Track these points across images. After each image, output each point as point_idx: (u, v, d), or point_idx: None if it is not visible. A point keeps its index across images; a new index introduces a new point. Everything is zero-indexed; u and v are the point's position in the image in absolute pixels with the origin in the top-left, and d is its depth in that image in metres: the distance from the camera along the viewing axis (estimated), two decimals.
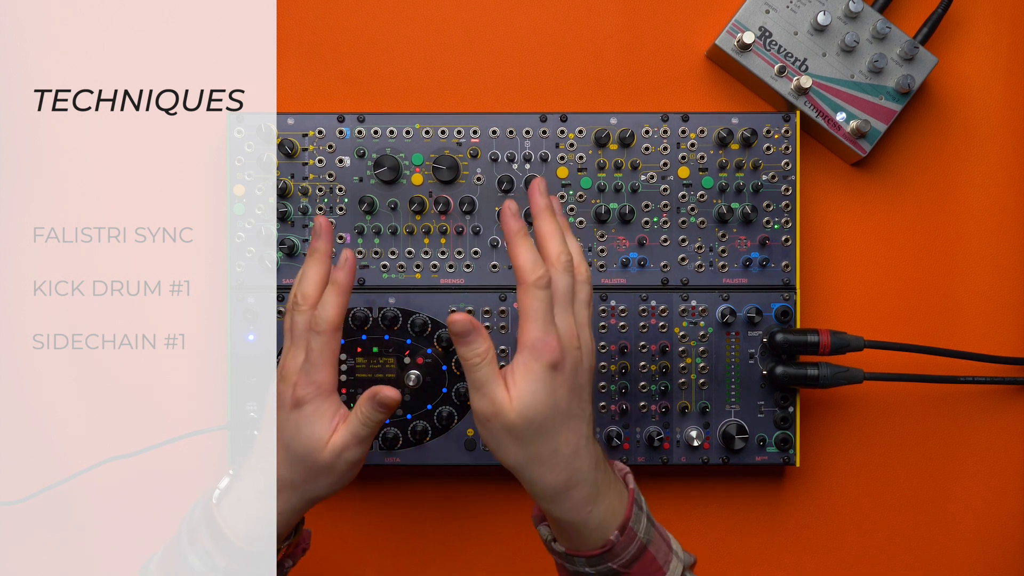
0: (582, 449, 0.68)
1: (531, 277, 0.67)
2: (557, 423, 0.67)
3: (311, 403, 0.70)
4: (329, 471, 0.71)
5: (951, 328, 0.93)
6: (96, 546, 0.93)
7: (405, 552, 0.94)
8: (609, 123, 0.89)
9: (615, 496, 0.69)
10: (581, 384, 0.68)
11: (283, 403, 0.71)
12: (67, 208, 0.92)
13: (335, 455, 0.70)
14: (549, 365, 0.66)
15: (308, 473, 0.71)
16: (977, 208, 0.94)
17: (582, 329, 0.69)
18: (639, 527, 0.69)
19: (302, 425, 0.70)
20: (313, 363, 0.70)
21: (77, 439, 0.92)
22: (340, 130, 0.88)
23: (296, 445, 0.70)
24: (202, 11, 0.93)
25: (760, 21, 0.89)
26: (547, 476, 0.67)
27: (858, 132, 0.89)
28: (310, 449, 0.70)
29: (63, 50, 0.92)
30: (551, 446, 0.67)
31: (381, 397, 0.70)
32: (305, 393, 0.70)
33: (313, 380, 0.70)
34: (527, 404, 0.66)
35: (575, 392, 0.68)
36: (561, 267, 0.69)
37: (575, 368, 0.68)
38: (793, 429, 0.89)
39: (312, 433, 0.70)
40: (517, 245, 0.68)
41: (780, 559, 0.94)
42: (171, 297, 0.92)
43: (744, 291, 0.89)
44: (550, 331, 0.66)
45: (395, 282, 0.89)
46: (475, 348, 0.67)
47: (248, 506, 0.71)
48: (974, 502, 0.94)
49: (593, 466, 0.68)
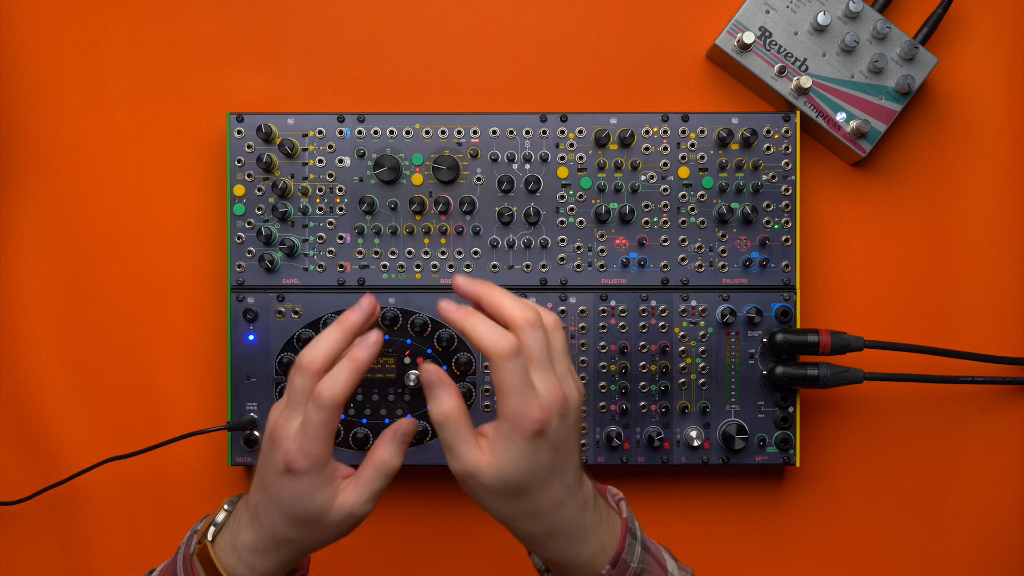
0: (566, 501, 0.65)
1: (499, 350, 0.62)
2: (539, 484, 0.64)
3: (307, 475, 0.65)
4: (335, 528, 0.67)
5: (951, 328, 0.93)
6: (96, 546, 0.93)
7: (405, 552, 0.94)
8: (609, 123, 0.89)
9: (606, 530, 0.68)
10: (567, 441, 0.65)
11: (276, 466, 0.65)
12: (67, 207, 0.92)
13: (343, 515, 0.66)
14: (530, 436, 0.63)
15: (311, 531, 0.67)
16: (977, 208, 0.94)
17: (565, 381, 0.65)
18: (632, 557, 0.68)
19: (300, 494, 0.65)
20: (310, 436, 0.64)
21: (77, 439, 0.92)
22: (340, 130, 0.88)
23: (295, 511, 0.66)
24: (204, 10, 0.93)
25: (760, 21, 0.89)
26: (529, 527, 0.66)
27: (858, 132, 0.89)
28: (314, 514, 0.66)
29: (63, 47, 0.92)
30: (534, 504, 0.65)
31: (405, 429, 0.67)
32: (301, 466, 0.64)
33: (309, 453, 0.64)
34: (506, 472, 0.63)
35: (558, 452, 0.64)
36: (529, 325, 0.64)
37: (558, 429, 0.64)
38: (793, 429, 0.89)
39: (313, 502, 0.65)
40: (470, 325, 0.64)
41: (780, 559, 0.94)
42: (171, 297, 0.92)
43: (744, 291, 0.89)
44: (529, 401, 0.62)
45: (395, 282, 0.89)
46: (439, 405, 0.64)
47: (243, 556, 0.68)
48: (974, 502, 0.94)
49: (579, 512, 0.66)
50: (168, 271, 0.92)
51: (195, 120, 0.92)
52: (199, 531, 0.71)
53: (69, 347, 0.92)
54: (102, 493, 0.93)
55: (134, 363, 0.92)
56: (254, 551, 0.68)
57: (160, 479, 0.92)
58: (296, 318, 0.88)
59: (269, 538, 0.67)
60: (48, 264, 0.92)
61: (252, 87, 0.92)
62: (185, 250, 0.92)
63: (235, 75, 0.92)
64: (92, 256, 0.92)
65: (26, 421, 0.92)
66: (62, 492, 0.92)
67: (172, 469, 0.92)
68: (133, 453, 0.89)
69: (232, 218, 0.88)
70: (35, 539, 0.93)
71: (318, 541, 0.68)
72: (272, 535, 0.67)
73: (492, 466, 0.63)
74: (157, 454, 0.90)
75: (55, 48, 0.92)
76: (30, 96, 0.92)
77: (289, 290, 0.88)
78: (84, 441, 0.92)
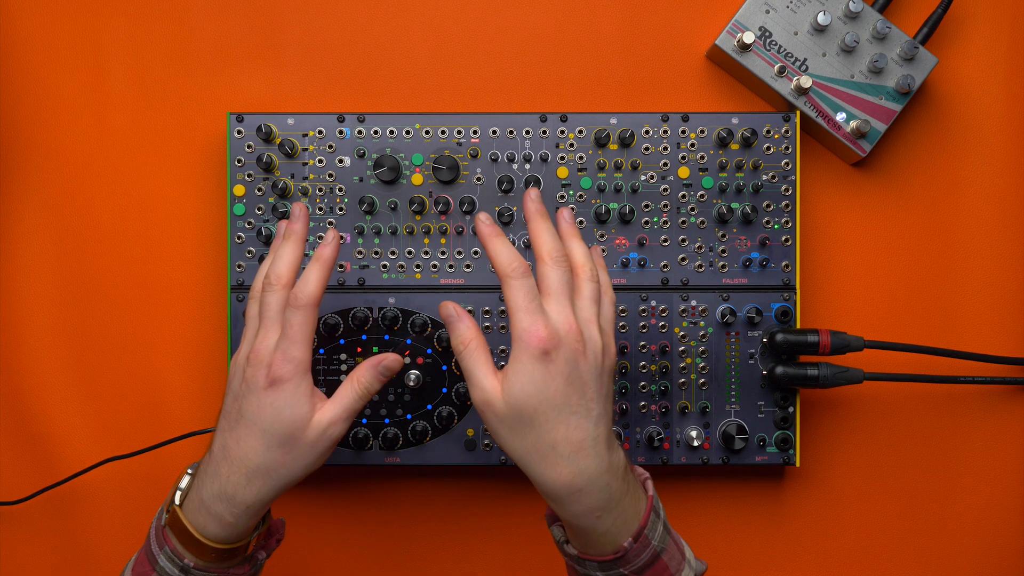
0: (587, 450, 0.66)
1: (507, 269, 0.67)
2: (550, 415, 0.65)
3: (291, 381, 0.68)
4: (311, 449, 0.69)
5: (951, 328, 0.93)
6: (96, 546, 0.93)
7: (405, 552, 0.94)
8: (609, 123, 0.89)
9: (630, 503, 0.68)
10: (582, 379, 0.66)
11: (256, 387, 0.68)
12: (67, 207, 0.92)
13: (320, 431, 0.69)
14: (537, 354, 0.65)
15: (287, 455, 0.69)
16: (977, 208, 0.94)
17: (586, 325, 0.68)
18: (654, 535, 0.68)
19: (282, 407, 0.68)
20: (292, 339, 0.68)
21: (77, 439, 0.92)
22: (340, 130, 0.88)
23: (277, 427, 0.68)
24: (204, 10, 0.93)
25: (760, 21, 0.89)
26: (548, 473, 0.66)
27: (858, 132, 0.89)
28: (294, 428, 0.68)
29: (63, 47, 0.92)
30: (547, 440, 0.65)
31: (388, 363, 0.70)
32: (284, 371, 0.68)
33: (292, 357, 0.68)
34: (514, 393, 0.65)
35: (573, 386, 0.66)
36: (552, 261, 0.68)
37: (571, 361, 0.66)
38: (793, 429, 0.89)
39: (294, 412, 0.68)
40: (492, 245, 0.69)
41: (780, 559, 0.94)
42: (171, 297, 0.92)
43: (744, 291, 0.89)
44: (536, 320, 0.65)
45: (395, 282, 0.89)
46: (458, 335, 0.68)
47: (211, 508, 0.69)
48: (974, 502, 0.94)
49: (605, 470, 0.66)
50: (168, 271, 0.92)
51: (195, 120, 0.92)
52: (167, 502, 0.71)
53: (69, 347, 0.92)
54: (102, 493, 0.93)
55: (134, 363, 0.92)
56: (222, 498, 0.68)
57: (160, 479, 0.92)
58: None
59: (240, 475, 0.68)
60: (48, 264, 0.92)
61: (252, 87, 0.92)
62: (185, 250, 0.92)
63: (235, 75, 0.92)
64: (92, 256, 0.92)
65: (26, 421, 0.93)
66: (62, 492, 0.92)
67: (172, 469, 0.92)
68: (133, 453, 0.89)
69: (232, 218, 0.88)
70: (35, 539, 0.93)
71: (292, 468, 0.69)
72: (244, 468, 0.68)
73: (503, 391, 0.66)
74: (157, 454, 0.90)
75: (55, 48, 0.92)
76: (30, 96, 0.92)
77: None
78: (84, 441, 0.92)
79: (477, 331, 0.68)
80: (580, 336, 0.66)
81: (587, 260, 0.71)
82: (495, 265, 0.68)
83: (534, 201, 0.71)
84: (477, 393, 0.67)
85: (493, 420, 0.67)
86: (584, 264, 0.71)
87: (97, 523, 0.93)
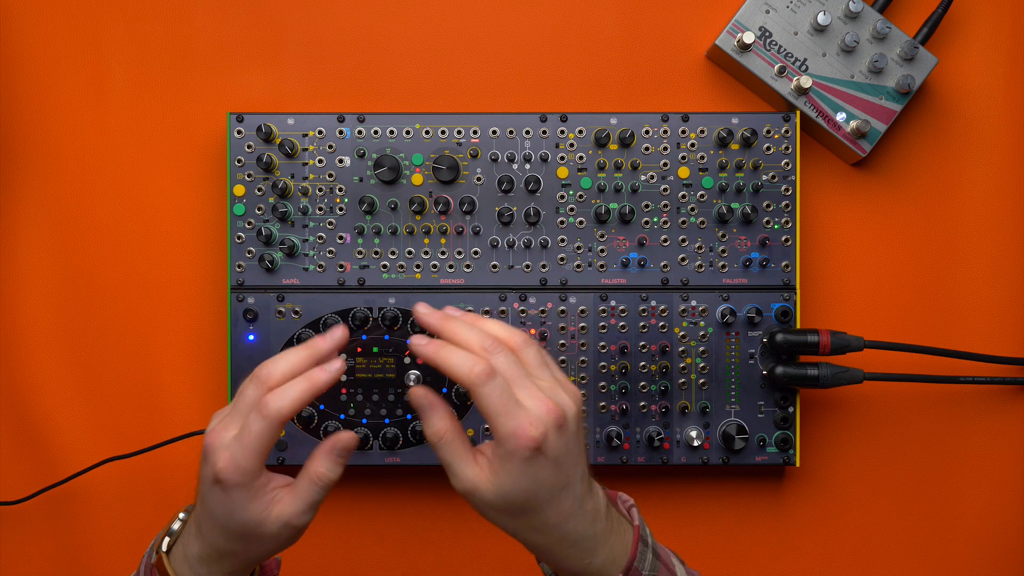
0: (575, 512, 0.65)
1: (472, 377, 0.62)
2: (543, 500, 0.63)
3: (236, 488, 0.63)
4: (274, 539, 0.65)
5: (951, 328, 0.93)
6: (96, 546, 0.93)
7: (405, 552, 0.94)
8: (609, 123, 0.89)
9: (617, 539, 0.67)
10: (568, 451, 0.64)
11: (206, 479, 0.64)
12: (67, 207, 0.92)
13: (280, 525, 0.64)
14: (528, 455, 0.62)
15: (250, 546, 0.66)
16: (977, 208, 0.94)
17: (554, 392, 0.64)
18: (644, 565, 0.68)
19: (234, 508, 0.64)
20: (245, 446, 0.62)
21: (77, 439, 0.92)
22: (340, 130, 0.88)
23: (232, 524, 0.64)
24: (204, 10, 0.93)
25: (760, 21, 0.89)
26: (539, 540, 0.66)
27: (858, 132, 0.89)
28: (250, 526, 0.64)
29: (63, 47, 0.92)
30: (540, 519, 0.64)
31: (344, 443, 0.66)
32: (229, 478, 0.63)
33: (239, 466, 0.62)
34: (507, 492, 0.63)
35: (560, 464, 0.63)
36: (493, 351, 0.64)
37: (557, 443, 0.63)
38: (793, 429, 0.89)
39: (246, 515, 0.64)
40: (442, 359, 0.63)
41: (780, 559, 0.94)
42: (171, 297, 0.92)
43: (744, 291, 0.89)
44: (519, 421, 0.61)
45: (395, 282, 0.89)
46: (431, 426, 0.64)
47: (193, 566, 0.67)
48: (974, 502, 0.94)
49: (590, 522, 0.66)
50: (168, 271, 0.92)
51: (195, 120, 0.92)
52: (157, 541, 0.70)
53: (69, 347, 0.92)
54: (102, 493, 0.93)
55: (134, 363, 0.92)
56: (201, 561, 0.67)
57: (160, 479, 0.92)
58: (296, 318, 0.88)
59: (212, 550, 0.66)
60: (48, 264, 0.92)
61: (252, 87, 0.92)
62: (185, 250, 0.92)
63: (235, 75, 0.92)
64: (92, 256, 0.92)
65: (26, 421, 0.92)
66: (62, 492, 0.92)
67: (172, 469, 0.92)
68: (133, 453, 0.89)
69: (232, 218, 0.88)
70: (35, 539, 0.93)
71: (259, 552, 0.67)
72: (214, 547, 0.66)
73: (492, 484, 0.63)
74: (157, 454, 0.90)
75: (55, 48, 0.92)
76: (30, 96, 0.92)
77: (289, 290, 0.88)
78: (84, 441, 0.92)
79: (452, 419, 0.64)
80: (558, 410, 0.63)
81: (506, 329, 0.67)
82: (454, 378, 0.62)
83: (428, 314, 0.66)
84: (459, 483, 0.64)
85: (481, 505, 0.65)
86: (509, 336, 0.66)
87: (97, 523, 0.93)
